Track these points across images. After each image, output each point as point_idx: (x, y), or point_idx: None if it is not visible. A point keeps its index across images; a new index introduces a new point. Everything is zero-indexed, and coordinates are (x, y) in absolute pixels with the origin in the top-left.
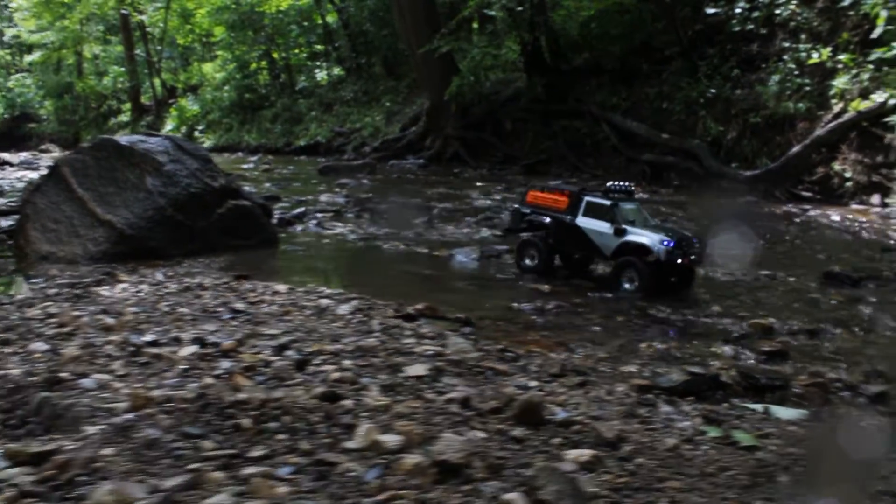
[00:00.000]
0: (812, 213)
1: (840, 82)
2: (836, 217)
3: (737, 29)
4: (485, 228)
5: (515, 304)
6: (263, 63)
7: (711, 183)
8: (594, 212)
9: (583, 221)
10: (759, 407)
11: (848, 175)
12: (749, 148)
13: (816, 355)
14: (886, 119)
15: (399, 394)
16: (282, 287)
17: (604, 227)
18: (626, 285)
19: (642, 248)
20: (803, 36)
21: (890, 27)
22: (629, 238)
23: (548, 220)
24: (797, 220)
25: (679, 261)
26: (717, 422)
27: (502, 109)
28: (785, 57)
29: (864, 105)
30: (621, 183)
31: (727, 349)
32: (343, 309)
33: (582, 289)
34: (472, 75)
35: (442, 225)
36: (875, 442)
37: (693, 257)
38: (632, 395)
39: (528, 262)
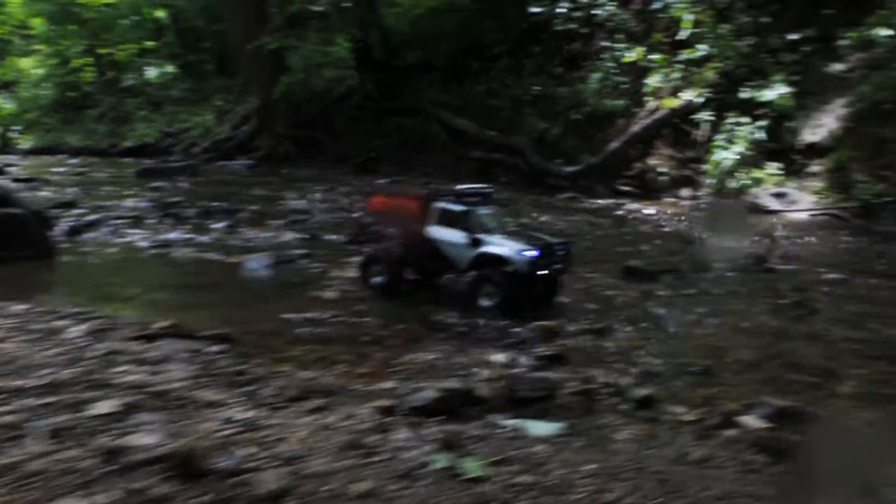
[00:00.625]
0: (628, 206)
1: (653, 81)
2: (649, 211)
3: (559, 28)
4: (290, 232)
5: (293, 316)
6: (89, 59)
7: (536, 179)
8: (447, 219)
9: (434, 231)
10: (512, 423)
11: (662, 170)
12: (572, 144)
13: (597, 357)
14: (693, 116)
15: (65, 441)
16: (19, 307)
17: (457, 236)
18: (484, 302)
19: (500, 260)
20: (620, 36)
21: (695, 30)
22: (486, 249)
23: (395, 230)
24: (613, 214)
25: (542, 271)
26: (454, 447)
27: (334, 107)
28: (604, 56)
29: (674, 103)
30: (477, 185)
31: (502, 357)
32: (75, 331)
33: (403, 301)
34: (301, 73)
35: (245, 229)
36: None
37: (559, 266)
38: (374, 418)
39: (374, 278)
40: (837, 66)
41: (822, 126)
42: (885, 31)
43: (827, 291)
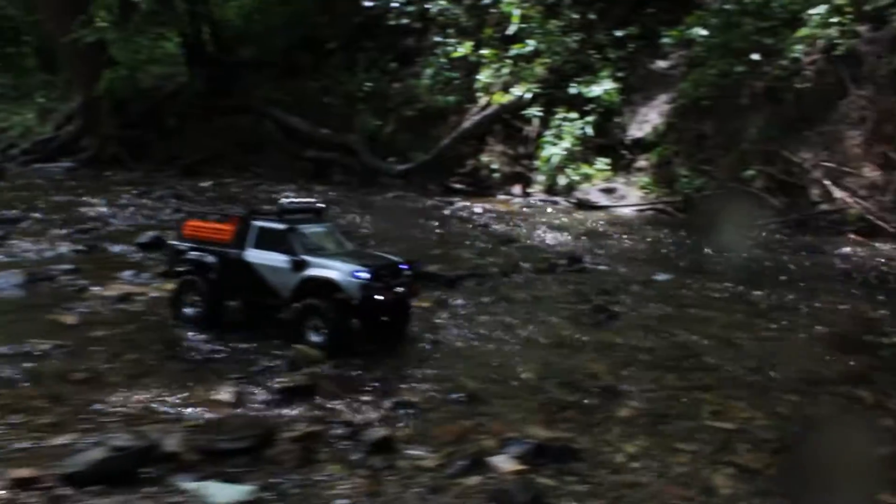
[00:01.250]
0: (458, 205)
1: (484, 76)
2: (478, 209)
3: (393, 23)
4: (67, 244)
5: (4, 349)
6: None
7: (370, 178)
8: (267, 241)
9: (252, 255)
10: (194, 486)
11: (494, 167)
12: (406, 142)
13: (351, 387)
14: (523, 112)
15: None
16: None
17: (279, 259)
18: (314, 337)
19: (328, 285)
20: (452, 31)
21: (524, 25)
22: (311, 272)
23: (210, 257)
24: (439, 213)
25: (380, 297)
26: None
27: (164, 106)
28: (437, 51)
29: (504, 98)
30: (304, 199)
31: (230, 391)
32: None
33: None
34: (125, 69)
35: (18, 241)
36: None
37: (401, 289)
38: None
39: (187, 310)
40: (661, 63)
41: (647, 121)
42: (702, 31)
43: (635, 292)
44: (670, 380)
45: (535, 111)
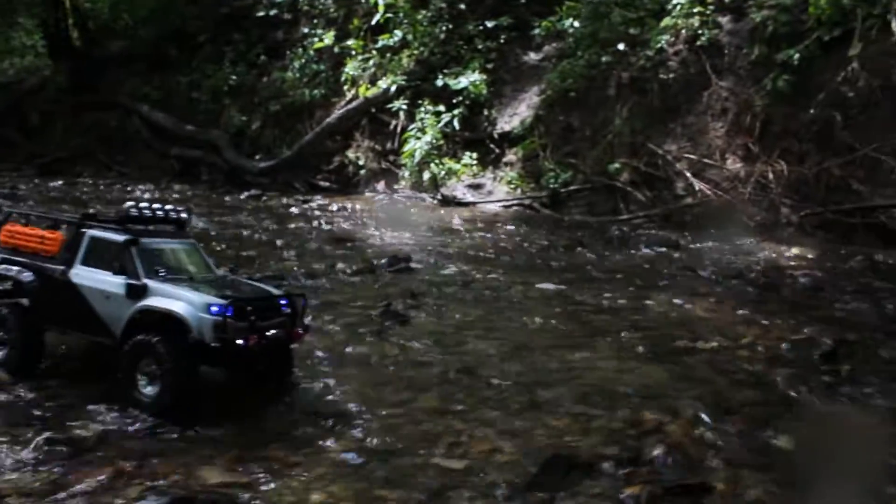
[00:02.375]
0: (314, 203)
1: (350, 68)
2: (334, 207)
3: (262, 14)
4: None
5: None
6: None
7: (236, 177)
8: (101, 256)
9: (81, 274)
10: None
11: (361, 163)
12: (272, 138)
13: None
14: (390, 105)
15: None
16: None
17: (112, 282)
18: (146, 388)
19: (172, 321)
20: (320, 22)
21: (390, 15)
22: (150, 302)
23: (27, 274)
24: (289, 211)
25: (241, 341)
26: None
27: (27, 101)
28: (305, 43)
29: (370, 91)
30: (160, 204)
31: None
32: None
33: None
34: None
35: None
36: None
37: (275, 332)
38: None
39: None
40: (533, 56)
41: (516, 115)
42: (574, 22)
43: (448, 294)
44: (423, 401)
45: (400, 104)
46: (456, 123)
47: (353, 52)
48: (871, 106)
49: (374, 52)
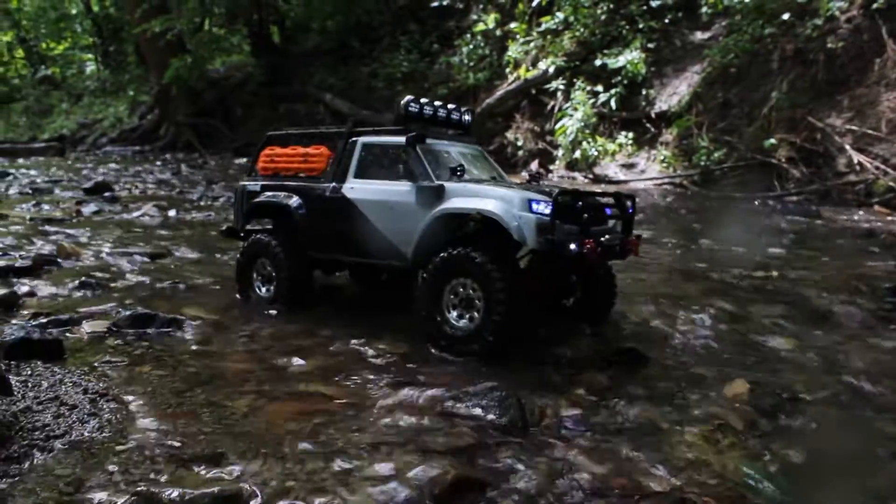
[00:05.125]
0: None
1: (513, 51)
2: None
3: (436, 4)
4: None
5: None
6: (19, 52)
7: None
8: (380, 164)
9: (356, 188)
10: None
11: (520, 143)
12: None
13: None
14: (548, 86)
15: None
16: None
17: (398, 190)
18: (457, 319)
19: (486, 225)
20: (488, 7)
21: None
22: (452, 204)
23: (292, 199)
24: None
25: (573, 246)
26: None
27: (232, 95)
28: (472, 29)
29: (530, 73)
30: (437, 102)
31: None
32: None
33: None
34: (190, 58)
35: None
36: None
37: (608, 238)
38: None
39: (260, 288)
40: (699, 34)
41: (676, 94)
42: None
43: None
44: None
45: (558, 84)
46: (613, 103)
47: (517, 36)
48: None
49: (537, 34)
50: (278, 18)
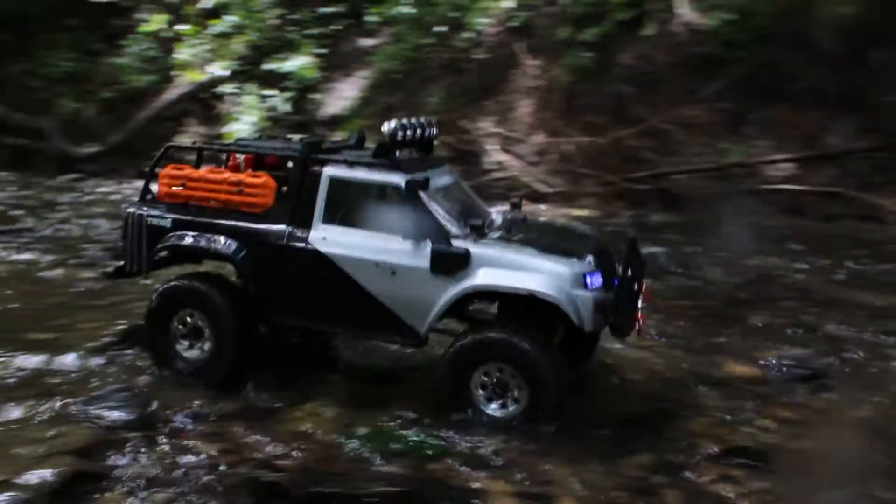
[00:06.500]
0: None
1: (182, 53)
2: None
3: (100, 0)
4: None
5: None
6: None
7: (68, 164)
8: (359, 207)
9: (331, 240)
10: None
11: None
12: (105, 125)
13: None
14: (219, 90)
15: None
16: None
17: (400, 250)
18: (492, 408)
19: (530, 305)
20: (156, 7)
21: (224, 0)
22: (490, 280)
23: (230, 245)
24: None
25: (630, 319)
26: None
27: None
28: (140, 29)
29: (199, 76)
30: (412, 119)
31: None
32: None
33: None
34: None
35: None
36: None
37: (636, 302)
38: None
39: (187, 352)
40: (366, 42)
41: (344, 98)
42: (406, 9)
43: None
44: None
45: (230, 89)
46: (284, 107)
47: (187, 38)
48: (659, 81)
49: (207, 37)
50: None
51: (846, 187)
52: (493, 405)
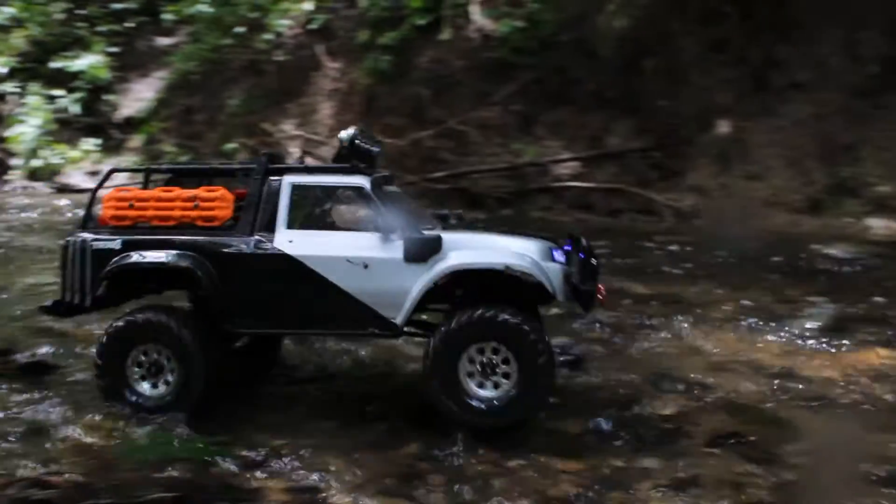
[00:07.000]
0: None
1: None
2: None
3: None
4: None
5: None
6: None
7: None
8: (322, 211)
9: (298, 242)
10: None
11: None
12: None
13: None
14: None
15: None
16: None
17: (369, 243)
18: (483, 391)
19: (516, 282)
20: None
21: None
22: (466, 259)
23: (187, 259)
24: None
25: (587, 288)
26: None
27: None
28: None
29: None
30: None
31: None
32: None
33: None
34: None
35: None
36: None
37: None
38: None
39: (146, 384)
40: (165, 41)
41: (141, 100)
42: (204, 7)
43: None
44: None
45: (12, 88)
46: (75, 108)
47: None
48: (455, 84)
49: None
50: None
51: (627, 184)
52: (486, 390)
